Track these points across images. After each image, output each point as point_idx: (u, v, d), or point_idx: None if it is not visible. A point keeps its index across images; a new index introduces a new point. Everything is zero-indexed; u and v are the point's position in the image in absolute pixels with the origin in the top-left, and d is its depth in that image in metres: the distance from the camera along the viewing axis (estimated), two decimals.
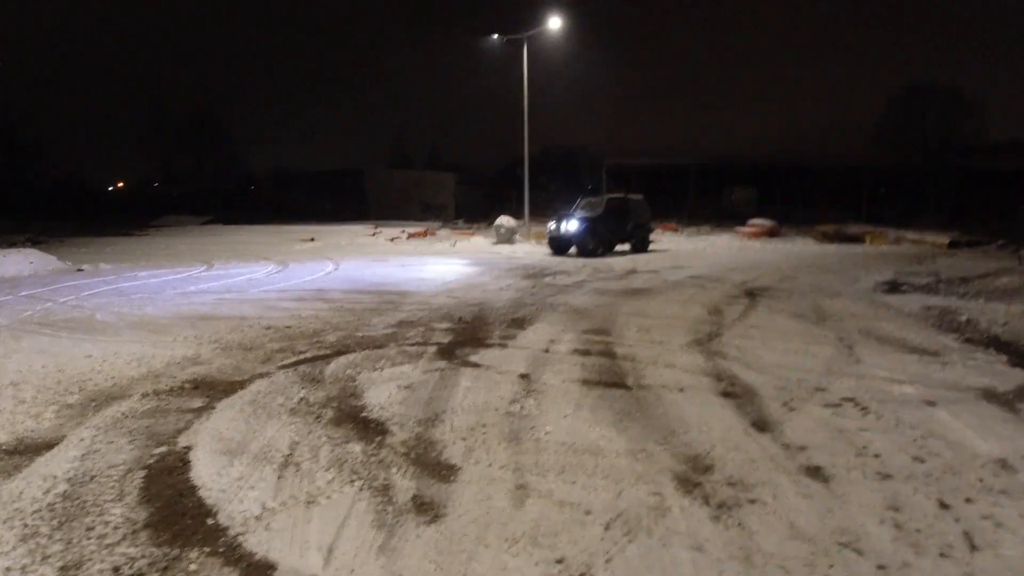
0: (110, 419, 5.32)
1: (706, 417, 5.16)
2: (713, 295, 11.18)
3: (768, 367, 6.53)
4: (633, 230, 21.73)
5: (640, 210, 22.19)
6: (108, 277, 15.72)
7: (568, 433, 4.84)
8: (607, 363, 6.74)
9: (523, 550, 3.34)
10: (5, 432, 5.07)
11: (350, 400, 5.68)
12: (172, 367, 6.87)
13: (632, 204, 22.02)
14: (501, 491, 3.96)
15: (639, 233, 21.95)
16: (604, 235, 20.74)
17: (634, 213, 21.80)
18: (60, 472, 4.31)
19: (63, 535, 3.54)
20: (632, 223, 21.66)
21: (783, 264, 16.31)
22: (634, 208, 21.96)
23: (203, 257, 20.95)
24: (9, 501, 3.93)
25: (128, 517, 3.74)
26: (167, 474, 4.29)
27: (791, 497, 3.84)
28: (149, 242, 29.50)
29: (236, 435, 4.90)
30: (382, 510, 3.76)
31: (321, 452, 4.56)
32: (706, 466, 4.29)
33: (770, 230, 27.85)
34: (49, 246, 22.66)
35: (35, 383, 6.36)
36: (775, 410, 5.31)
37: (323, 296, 11.71)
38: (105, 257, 20.77)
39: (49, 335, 8.69)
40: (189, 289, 13.22)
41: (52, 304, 11.47)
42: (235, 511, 3.77)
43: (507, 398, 5.63)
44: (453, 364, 6.75)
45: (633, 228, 21.71)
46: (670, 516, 3.65)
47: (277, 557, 3.31)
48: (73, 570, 3.22)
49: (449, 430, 4.93)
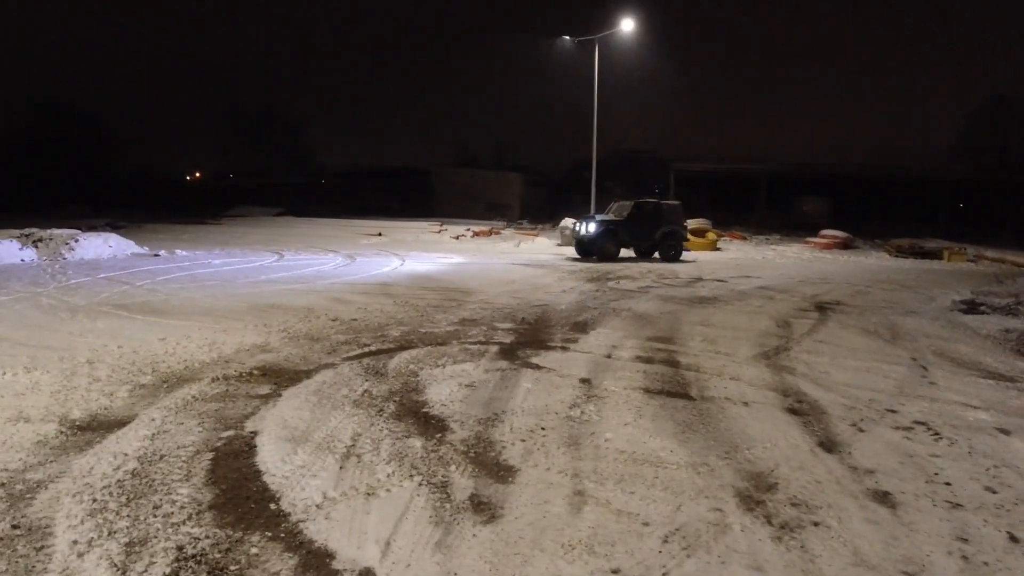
0: (181, 401, 5.50)
1: (771, 433, 5.02)
2: (781, 307, 10.90)
3: (837, 385, 6.33)
4: (663, 237, 20.52)
5: (673, 217, 21.01)
6: (183, 263, 16.31)
7: (628, 441, 4.78)
8: (670, 372, 6.63)
9: (579, 557, 3.30)
10: (79, 409, 5.30)
11: (412, 395, 5.74)
12: (241, 353, 7.06)
13: (665, 210, 20.96)
14: (559, 496, 3.93)
15: (669, 241, 20.67)
16: (626, 240, 19.96)
17: (666, 220, 20.65)
18: (130, 450, 4.48)
19: (130, 511, 3.66)
20: (663, 230, 20.48)
21: (855, 278, 15.79)
22: (667, 214, 20.84)
23: (274, 247, 21.54)
24: (80, 476, 4.09)
25: (194, 497, 3.85)
26: (233, 458, 4.40)
27: (856, 522, 3.71)
28: (223, 231, 30.48)
29: (301, 423, 5.00)
30: (440, 507, 3.78)
31: (382, 445, 4.62)
32: (770, 484, 4.17)
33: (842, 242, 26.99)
34: (128, 231, 23.64)
35: (110, 362, 6.63)
36: (843, 430, 5.13)
37: (388, 291, 11.89)
38: (181, 243, 21.56)
39: (125, 317, 9.05)
40: (260, 278, 13.60)
41: (129, 287, 11.96)
42: (297, 498, 3.84)
43: (567, 402, 5.60)
44: (514, 365, 6.76)
45: (663, 235, 20.50)
46: (730, 533, 3.56)
47: (336, 546, 3.35)
48: (138, 546, 3.32)
49: (508, 431, 4.93)
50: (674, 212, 21.20)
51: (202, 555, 3.26)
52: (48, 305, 9.90)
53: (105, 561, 3.18)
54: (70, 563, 3.17)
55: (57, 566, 3.15)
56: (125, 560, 3.20)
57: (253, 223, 36.32)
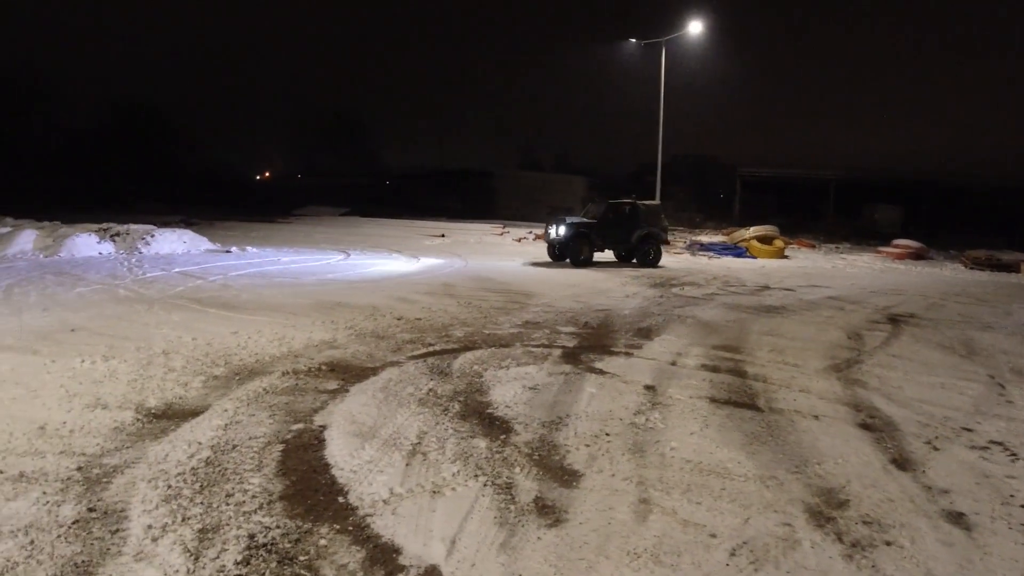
0: (252, 393, 5.66)
1: (842, 449, 4.88)
2: (853, 318, 10.57)
3: (911, 401, 6.10)
4: (640, 241, 19.05)
5: (652, 219, 19.49)
6: (253, 260, 16.78)
7: (694, 451, 4.70)
8: (737, 382, 6.50)
9: (644, 566, 3.27)
10: (155, 397, 5.50)
11: (476, 396, 5.78)
12: (310, 349, 7.23)
13: (642, 211, 19.36)
14: (623, 503, 3.90)
15: (646, 244, 19.17)
16: (599, 243, 18.53)
17: (643, 222, 19.12)
18: (204, 439, 4.63)
19: (204, 499, 3.79)
20: (639, 233, 18.99)
21: (929, 290, 15.20)
22: (645, 216, 19.28)
23: (340, 246, 21.97)
24: (155, 462, 4.25)
25: (265, 487, 3.95)
26: (303, 450, 4.51)
27: (930, 543, 3.58)
28: (291, 229, 31.25)
29: (368, 419, 5.09)
30: (504, 508, 3.79)
31: (447, 444, 4.66)
32: (841, 501, 4.05)
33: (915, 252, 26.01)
34: (200, 228, 24.41)
35: (184, 354, 6.87)
36: (917, 448, 4.95)
37: (451, 291, 12.00)
38: (251, 241, 22.19)
39: (198, 310, 9.37)
40: (327, 276, 13.90)
41: (202, 281, 12.37)
42: (364, 492, 3.91)
43: (632, 409, 5.55)
44: (578, 369, 6.73)
45: (640, 239, 19.04)
46: (800, 550, 3.47)
47: (402, 542, 3.40)
48: (211, 533, 3.43)
49: (572, 435, 4.91)
50: (653, 214, 19.84)
51: (272, 544, 3.35)
52: (125, 297, 10.32)
53: (179, 546, 3.29)
54: (144, 547, 3.28)
55: (132, 549, 3.27)
56: (198, 546, 3.30)
57: (320, 222, 37.12)
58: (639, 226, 19.00)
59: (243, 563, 3.17)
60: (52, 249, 16.50)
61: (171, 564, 3.14)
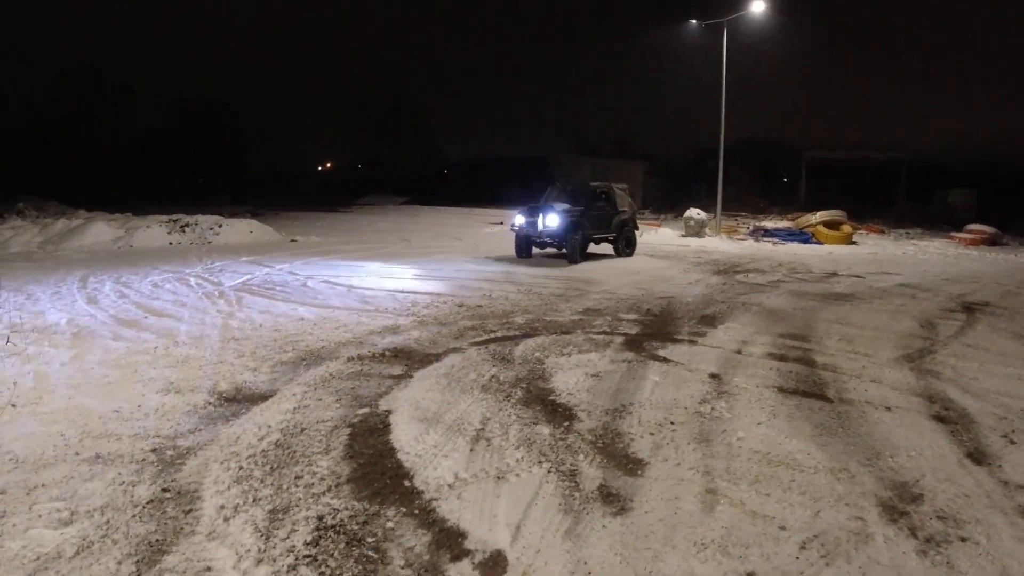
0: (319, 378, 5.79)
1: (915, 441, 4.70)
2: (925, 307, 10.18)
3: (987, 393, 5.84)
4: (620, 228, 16.73)
5: (624, 204, 17.32)
6: (317, 249, 17.14)
7: (762, 441, 4.61)
8: (805, 371, 6.34)
9: (711, 557, 3.22)
10: (226, 382, 5.67)
11: (538, 382, 5.78)
12: (374, 335, 7.35)
13: (617, 196, 17.08)
14: (690, 493, 3.85)
15: (626, 232, 16.96)
16: (589, 233, 16.10)
17: (619, 207, 16.92)
18: (274, 422, 4.75)
19: (274, 480, 3.89)
20: (618, 219, 16.73)
21: (1005, 278, 14.49)
22: (619, 201, 17.07)
23: (401, 235, 22.25)
24: (227, 444, 4.38)
25: (333, 470, 4.04)
26: (369, 434, 4.59)
27: (1006, 540, 3.43)
28: (353, 219, 31.80)
29: (431, 405, 5.15)
30: (569, 495, 3.78)
31: (511, 430, 4.68)
32: (914, 495, 3.91)
33: (990, 238, 24.84)
34: (265, 218, 25.03)
35: (254, 340, 7.07)
36: (994, 442, 4.74)
37: (512, 279, 12.03)
38: (315, 231, 22.67)
39: (267, 298, 9.62)
40: (389, 263, 14.10)
41: (269, 270, 12.70)
42: (430, 477, 3.96)
43: (697, 397, 5.47)
44: (641, 357, 6.67)
45: (620, 225, 16.73)
46: (872, 544, 3.37)
47: (467, 527, 3.43)
48: (281, 514, 3.51)
49: (637, 423, 4.87)
50: (623, 198, 17.63)
51: (341, 526, 3.42)
52: (196, 286, 10.68)
53: (250, 526, 3.39)
54: (216, 526, 3.38)
55: (204, 528, 3.37)
56: (269, 526, 3.39)
57: (380, 212, 37.69)
58: (616, 212, 16.77)
59: (312, 544, 3.24)
60: (124, 240, 17.18)
61: (243, 543, 3.22)
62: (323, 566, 3.07)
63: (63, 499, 3.60)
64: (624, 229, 16.82)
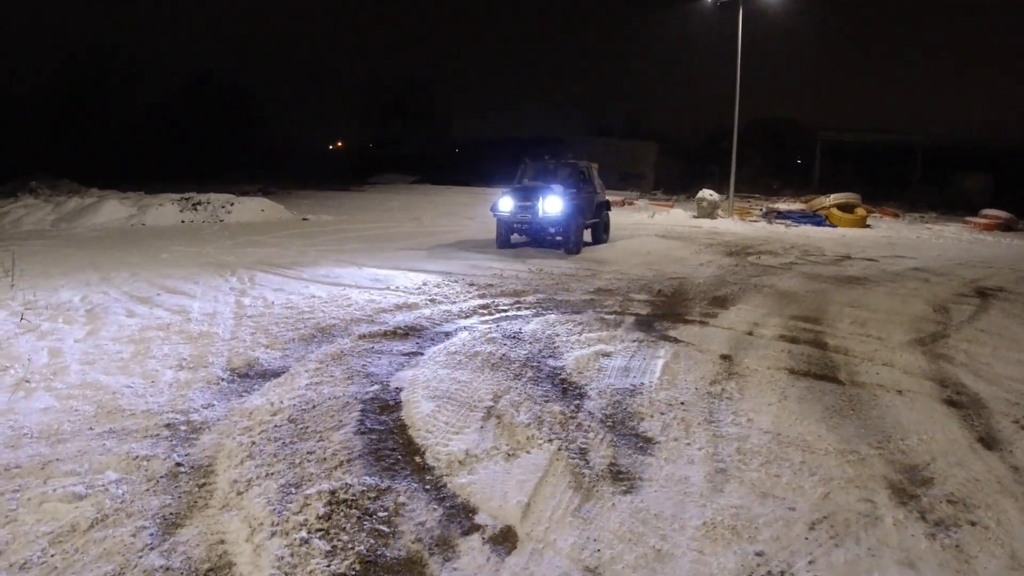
0: (331, 355, 5.81)
1: (927, 425, 4.69)
2: (938, 291, 10.11)
3: (1000, 378, 5.81)
4: (599, 211, 15.13)
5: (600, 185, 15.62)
6: (328, 227, 17.16)
7: (772, 423, 4.61)
8: (816, 354, 6.32)
9: (721, 536, 3.23)
10: (239, 358, 5.70)
11: (549, 361, 5.79)
12: (385, 313, 7.37)
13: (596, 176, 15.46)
14: (699, 473, 3.86)
15: (604, 217, 15.50)
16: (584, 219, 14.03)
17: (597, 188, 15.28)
18: (286, 398, 4.78)
19: (286, 455, 3.92)
20: (597, 200, 15.11)
21: (1020, 263, 14.39)
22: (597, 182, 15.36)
23: (412, 213, 22.24)
24: (240, 419, 4.41)
25: (345, 446, 4.07)
26: (380, 410, 4.62)
27: (1016, 525, 3.43)
28: (364, 198, 31.79)
29: (443, 382, 5.17)
30: (579, 473, 3.80)
31: (522, 408, 4.70)
32: (925, 479, 3.91)
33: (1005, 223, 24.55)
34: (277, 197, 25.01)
35: (267, 317, 7.11)
36: (1005, 427, 4.72)
37: (522, 258, 12.03)
38: (326, 209, 22.67)
39: (279, 275, 9.66)
40: (401, 242, 14.11)
41: (281, 248, 12.74)
42: (441, 453, 3.98)
43: (707, 378, 5.47)
44: (651, 337, 6.67)
45: (598, 207, 15.10)
46: (881, 526, 3.37)
47: (478, 502, 3.45)
48: (293, 488, 3.54)
49: (647, 403, 4.88)
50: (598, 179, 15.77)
51: (353, 500, 3.45)
52: (208, 264, 10.72)
53: (263, 499, 3.42)
54: (230, 500, 3.42)
55: (218, 502, 3.40)
56: (282, 500, 3.42)
57: (392, 190, 37.65)
58: (596, 193, 15.16)
59: (325, 517, 3.27)
60: (137, 218, 17.24)
61: (256, 517, 3.25)
62: (335, 539, 3.10)
63: (77, 474, 3.63)
64: (602, 213, 15.45)
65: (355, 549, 3.04)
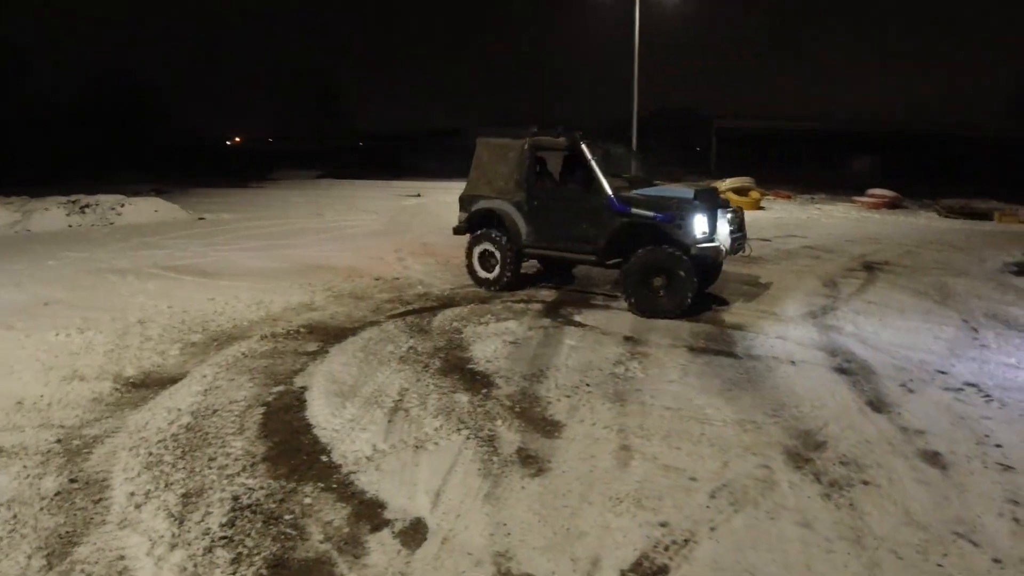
0: (231, 358, 5.62)
1: (819, 392, 4.96)
2: (828, 267, 10.67)
3: (886, 345, 6.20)
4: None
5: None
6: (227, 226, 16.55)
7: (674, 399, 4.76)
8: (714, 331, 6.57)
9: (627, 510, 3.32)
10: (133, 367, 5.45)
11: (456, 352, 5.79)
12: (288, 312, 7.18)
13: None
14: (605, 451, 3.95)
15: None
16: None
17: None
18: (184, 405, 4.60)
19: (186, 464, 3.78)
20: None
21: (904, 238, 15.33)
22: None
23: (315, 209, 21.71)
24: (135, 430, 4.22)
25: (247, 450, 3.96)
26: (284, 412, 4.51)
27: (907, 482, 3.67)
28: (265, 194, 30.77)
29: (348, 379, 5.09)
30: (488, 460, 3.83)
31: (429, 400, 4.68)
32: (818, 443, 4.13)
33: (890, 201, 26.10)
34: (172, 196, 23.92)
35: (160, 322, 6.79)
36: (893, 390, 5.04)
37: (430, 250, 11.93)
38: (224, 207, 21.84)
39: (173, 278, 9.23)
40: (304, 239, 13.75)
41: (176, 250, 12.19)
42: (347, 450, 3.93)
43: (612, 359, 5.59)
44: (557, 322, 6.76)
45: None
46: (778, 490, 3.55)
47: (387, 497, 3.43)
48: (195, 497, 3.43)
49: (554, 387, 4.96)
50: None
51: (257, 505, 3.36)
52: (98, 269, 10.14)
53: (162, 512, 3.30)
54: (128, 514, 3.29)
55: (115, 517, 3.26)
56: (182, 510, 3.31)
57: (294, 186, 36.58)
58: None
59: (228, 525, 3.18)
60: (21, 224, 16.14)
61: (156, 530, 3.15)
62: (240, 546, 3.02)
63: None
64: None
65: (261, 555, 2.97)
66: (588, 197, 7.59)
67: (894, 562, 2.98)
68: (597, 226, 7.54)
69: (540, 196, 8.06)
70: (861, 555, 3.01)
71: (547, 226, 7.97)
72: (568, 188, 8.02)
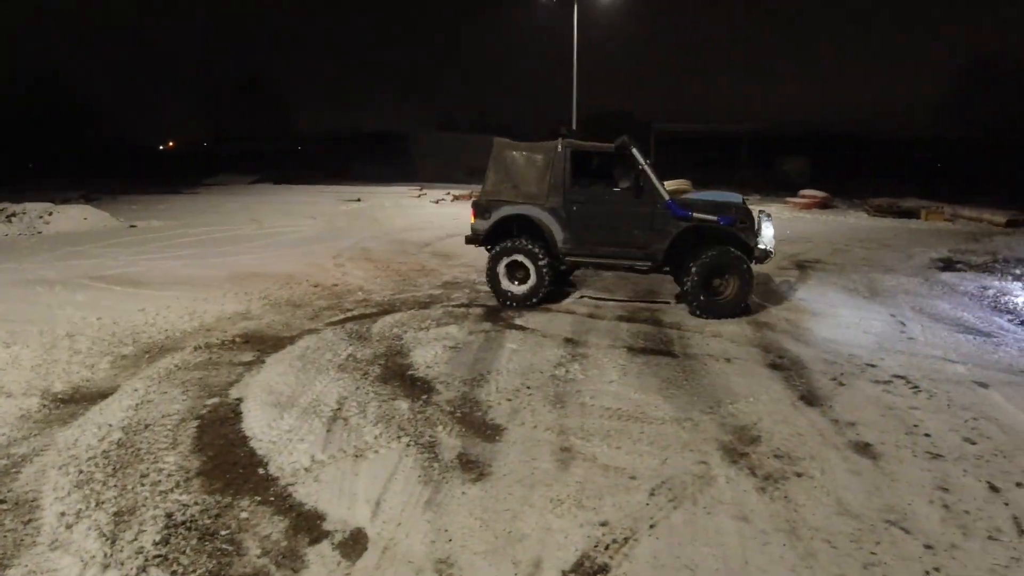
0: (163, 370, 5.46)
1: (753, 388, 5.09)
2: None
3: (818, 341, 6.41)
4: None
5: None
6: (159, 234, 16.07)
7: (613, 399, 4.82)
8: (652, 331, 6.68)
9: (567, 512, 3.35)
10: (61, 381, 5.25)
11: (396, 358, 5.75)
12: (223, 322, 7.01)
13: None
14: (546, 453, 3.98)
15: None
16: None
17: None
18: (115, 421, 4.46)
19: (117, 481, 3.67)
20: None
21: (835, 237, 15.86)
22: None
23: (251, 215, 21.25)
24: (65, 448, 4.07)
25: (181, 465, 3.85)
26: (219, 424, 4.40)
27: (839, 473, 3.79)
28: (199, 200, 29.98)
29: (286, 389, 5.00)
30: (428, 467, 3.81)
31: (368, 408, 4.63)
32: (753, 437, 4.25)
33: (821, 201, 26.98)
34: (102, 203, 23.13)
35: (90, 335, 6.55)
36: (824, 384, 5.21)
37: (369, 255, 11.80)
38: (156, 214, 21.18)
39: (103, 289, 8.92)
40: (239, 246, 13.45)
41: (105, 259, 11.78)
42: (285, 462, 3.86)
43: (552, 361, 5.63)
44: (498, 326, 6.77)
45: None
46: (716, 485, 3.63)
47: (326, 508, 3.38)
48: (127, 515, 3.33)
49: (494, 391, 4.96)
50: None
51: (192, 521, 3.28)
52: (24, 280, 9.72)
53: (94, 531, 3.20)
54: (59, 535, 3.18)
55: (46, 538, 3.16)
56: (114, 529, 3.21)
57: (230, 191, 35.74)
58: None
59: (162, 543, 3.10)
60: None
61: (87, 550, 3.05)
62: (174, 564, 2.95)
63: None
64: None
65: (197, 572, 2.91)
66: (639, 202, 7.45)
67: (829, 551, 3.07)
68: (651, 231, 7.41)
69: (579, 201, 7.68)
70: (797, 546, 3.10)
71: (588, 232, 7.63)
72: (613, 192, 7.66)
